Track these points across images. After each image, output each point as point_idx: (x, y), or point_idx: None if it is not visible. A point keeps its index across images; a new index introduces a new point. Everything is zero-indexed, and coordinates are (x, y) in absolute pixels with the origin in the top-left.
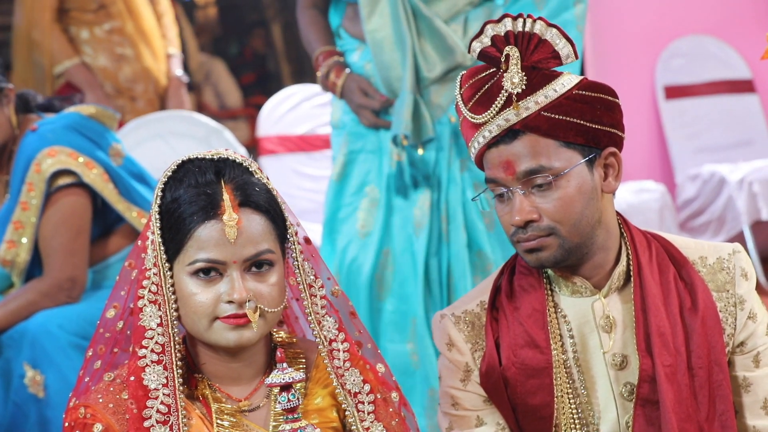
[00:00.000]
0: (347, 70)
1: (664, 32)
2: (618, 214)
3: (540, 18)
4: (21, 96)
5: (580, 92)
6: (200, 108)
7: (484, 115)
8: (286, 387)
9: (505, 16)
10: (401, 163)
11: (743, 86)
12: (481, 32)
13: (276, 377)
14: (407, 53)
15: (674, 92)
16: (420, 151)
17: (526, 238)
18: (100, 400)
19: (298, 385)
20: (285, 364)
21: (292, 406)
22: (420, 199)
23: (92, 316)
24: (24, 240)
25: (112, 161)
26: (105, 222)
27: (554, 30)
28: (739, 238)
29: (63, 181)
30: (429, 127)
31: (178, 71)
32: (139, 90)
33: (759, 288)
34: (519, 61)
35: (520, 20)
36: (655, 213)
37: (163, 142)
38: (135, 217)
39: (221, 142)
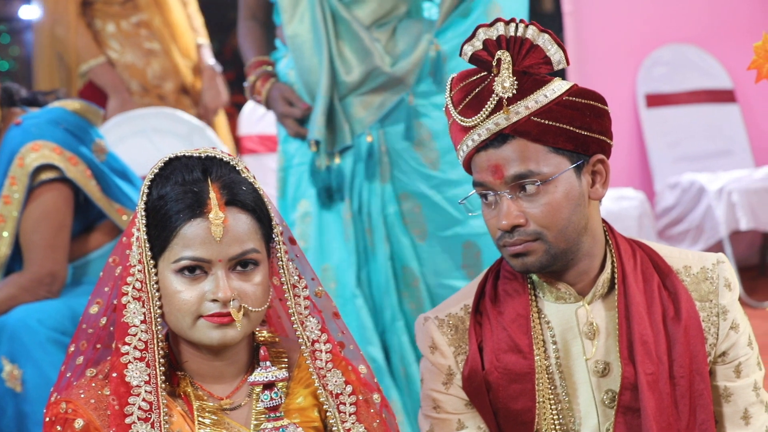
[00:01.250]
0: (273, 79)
1: (646, 40)
2: (603, 221)
3: (532, 23)
4: (5, 89)
5: (571, 98)
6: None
7: (473, 118)
8: (268, 385)
9: (497, 20)
10: (320, 172)
11: (724, 96)
12: (473, 36)
13: (259, 375)
14: (323, 56)
15: (655, 100)
16: (336, 160)
17: (512, 243)
18: (82, 396)
19: (280, 384)
20: (268, 363)
21: (274, 404)
22: (343, 211)
23: (72, 311)
24: (5, 234)
25: (96, 157)
26: (86, 218)
27: (546, 35)
28: (718, 247)
29: (46, 175)
30: (346, 134)
31: (211, 60)
32: (167, 88)
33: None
34: (510, 66)
35: (512, 25)
36: (634, 220)
37: (146, 138)
38: (117, 213)
39: (204, 140)
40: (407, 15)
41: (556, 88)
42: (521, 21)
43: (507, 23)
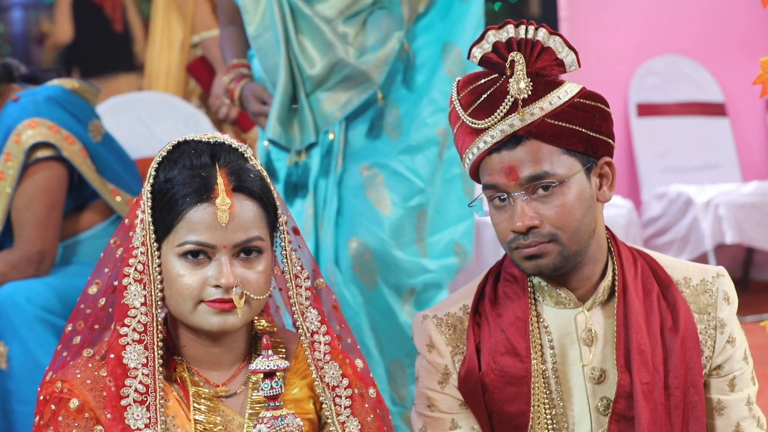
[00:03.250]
0: (246, 80)
1: (640, 50)
2: (606, 228)
3: (542, 25)
4: (4, 65)
5: (581, 101)
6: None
7: (486, 120)
8: (269, 374)
9: (506, 22)
10: (290, 168)
11: (715, 109)
12: (481, 38)
13: (261, 363)
14: (281, 53)
15: (646, 110)
16: (303, 156)
17: (526, 245)
18: (78, 376)
19: (279, 373)
20: (270, 351)
21: (274, 393)
22: (305, 208)
23: (60, 290)
24: None
25: (92, 137)
26: (80, 197)
27: (557, 38)
28: (702, 259)
29: (42, 153)
30: (311, 131)
31: None
32: None
33: None
34: (524, 67)
35: (522, 27)
36: (621, 228)
37: (140, 122)
38: (110, 194)
39: (198, 126)
40: (379, 6)
41: (568, 90)
42: (530, 23)
43: (516, 25)
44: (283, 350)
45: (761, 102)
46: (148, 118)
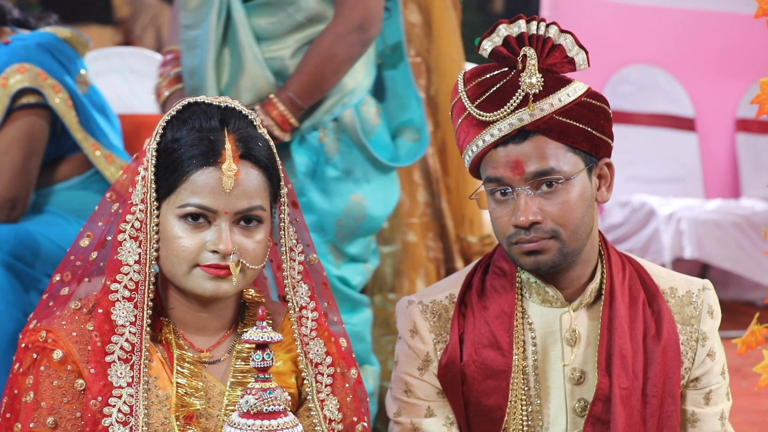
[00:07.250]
0: (177, 85)
1: (617, 56)
2: (599, 231)
3: (553, 23)
4: None
5: (588, 100)
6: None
7: (495, 113)
8: (261, 346)
9: (518, 17)
10: None
11: (685, 123)
12: (491, 31)
13: (255, 334)
14: (208, 62)
15: (617, 117)
16: None
17: (528, 240)
18: (64, 327)
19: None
20: (265, 323)
21: (265, 365)
22: None
23: (29, 238)
24: None
25: (78, 88)
26: (60, 148)
27: (569, 36)
28: None
29: (27, 99)
30: None
31: None
32: None
33: None
34: (536, 62)
35: (534, 23)
36: None
37: (121, 77)
38: (91, 148)
39: None
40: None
41: (576, 89)
42: (542, 19)
43: (528, 21)
44: (270, 322)
45: (730, 121)
46: (129, 74)
